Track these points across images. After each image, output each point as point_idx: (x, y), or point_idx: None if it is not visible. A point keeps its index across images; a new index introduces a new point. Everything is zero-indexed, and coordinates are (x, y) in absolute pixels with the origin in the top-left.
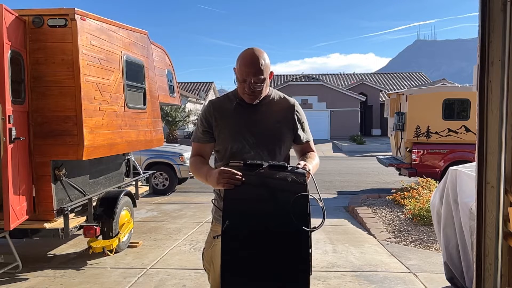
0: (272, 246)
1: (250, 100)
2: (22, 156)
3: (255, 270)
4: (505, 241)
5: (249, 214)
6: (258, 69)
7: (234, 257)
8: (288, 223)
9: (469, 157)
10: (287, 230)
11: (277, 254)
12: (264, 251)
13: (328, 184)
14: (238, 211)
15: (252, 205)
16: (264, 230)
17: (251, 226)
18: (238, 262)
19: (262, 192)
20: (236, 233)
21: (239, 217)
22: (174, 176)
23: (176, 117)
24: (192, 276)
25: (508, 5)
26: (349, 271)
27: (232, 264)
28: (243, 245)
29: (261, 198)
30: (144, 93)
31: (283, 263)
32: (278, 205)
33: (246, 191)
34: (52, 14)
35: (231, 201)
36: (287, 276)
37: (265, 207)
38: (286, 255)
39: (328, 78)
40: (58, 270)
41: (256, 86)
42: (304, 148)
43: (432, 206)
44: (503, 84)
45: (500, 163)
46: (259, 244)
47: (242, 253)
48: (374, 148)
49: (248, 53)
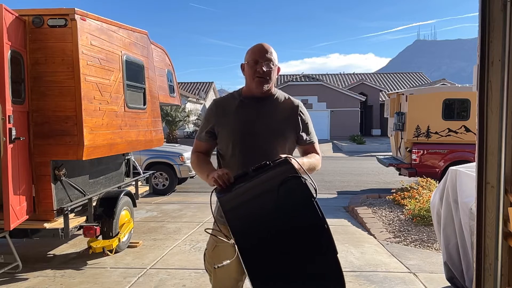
0: (289, 243)
1: (260, 84)
2: (22, 156)
3: (284, 272)
4: (505, 241)
5: (255, 223)
6: (269, 52)
7: (259, 267)
8: (295, 214)
9: (469, 157)
10: (299, 222)
11: (296, 248)
12: (284, 250)
13: (328, 184)
14: (243, 224)
15: (254, 214)
16: (275, 230)
17: (260, 232)
18: (265, 269)
19: (258, 198)
20: (250, 244)
21: (247, 228)
22: (174, 176)
23: (176, 117)
24: (192, 276)
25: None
26: (349, 271)
27: (260, 273)
28: (261, 253)
29: (259, 204)
30: (144, 93)
31: (306, 255)
32: (277, 201)
33: (242, 204)
34: (52, 14)
35: (234, 220)
36: (315, 266)
37: (267, 210)
38: (304, 246)
39: (328, 78)
40: (58, 270)
41: (267, 65)
42: (307, 149)
43: (432, 206)
44: (503, 84)
45: (500, 163)
46: (276, 246)
47: (264, 261)
48: (374, 148)
49: (259, 43)
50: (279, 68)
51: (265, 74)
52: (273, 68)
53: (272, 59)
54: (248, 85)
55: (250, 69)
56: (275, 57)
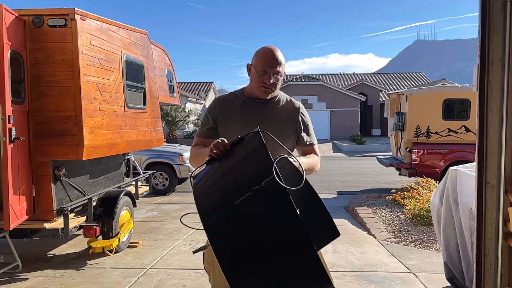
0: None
1: (265, 93)
2: (22, 156)
3: (257, 254)
4: (505, 241)
5: (218, 200)
6: (279, 62)
7: (228, 250)
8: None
9: (469, 157)
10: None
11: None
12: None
13: (328, 184)
14: (207, 203)
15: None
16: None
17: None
18: (235, 253)
19: (225, 174)
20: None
21: (211, 207)
22: (174, 176)
23: (176, 117)
24: (192, 276)
25: (508, 5)
26: (349, 271)
27: (229, 258)
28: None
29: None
30: (144, 93)
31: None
32: (245, 175)
33: (211, 186)
34: (52, 14)
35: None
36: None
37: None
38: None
39: (328, 78)
40: (58, 270)
41: (276, 78)
42: (307, 150)
43: (432, 206)
44: (503, 84)
45: (500, 163)
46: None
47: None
48: (374, 148)
49: (268, 48)
50: (284, 73)
51: (272, 86)
52: (280, 79)
53: (281, 70)
54: (253, 88)
55: (257, 78)
56: (283, 67)
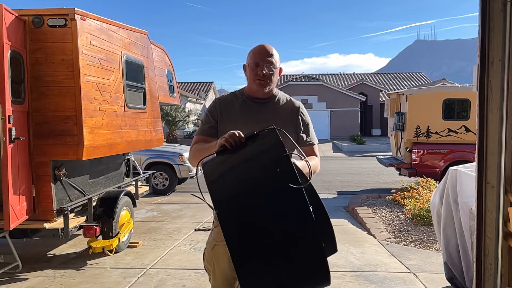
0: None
1: (261, 87)
2: (22, 156)
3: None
4: (505, 241)
5: (236, 189)
6: (271, 54)
7: (239, 238)
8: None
9: (469, 157)
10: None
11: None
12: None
13: (328, 184)
14: (223, 192)
15: (236, 181)
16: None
17: (242, 202)
18: (246, 241)
19: (241, 164)
20: (231, 213)
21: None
22: (174, 176)
23: (176, 117)
24: (192, 276)
25: (508, 5)
26: (349, 271)
27: (240, 244)
28: (243, 223)
29: (243, 169)
30: (144, 93)
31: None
32: (261, 170)
33: (225, 170)
34: (52, 14)
35: (214, 188)
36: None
37: (251, 176)
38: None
39: (328, 78)
40: (58, 270)
41: (269, 68)
42: (307, 150)
43: (432, 206)
44: (503, 84)
45: (500, 163)
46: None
47: (246, 233)
48: (374, 148)
49: (261, 44)
50: (281, 69)
51: (266, 77)
52: (274, 71)
53: (273, 61)
54: (250, 86)
55: (251, 71)
56: (276, 59)
